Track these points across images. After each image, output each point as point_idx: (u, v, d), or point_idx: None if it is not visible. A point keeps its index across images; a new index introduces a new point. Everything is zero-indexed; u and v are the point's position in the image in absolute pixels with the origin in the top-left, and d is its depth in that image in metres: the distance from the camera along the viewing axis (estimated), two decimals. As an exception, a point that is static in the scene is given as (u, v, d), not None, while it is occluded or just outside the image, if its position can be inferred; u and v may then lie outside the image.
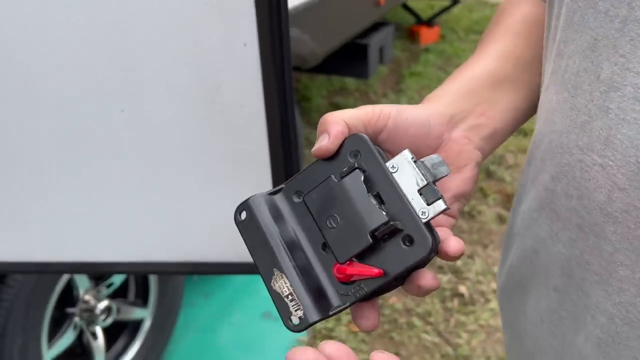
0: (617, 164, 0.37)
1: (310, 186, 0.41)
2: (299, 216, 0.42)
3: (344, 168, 0.40)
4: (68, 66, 0.76)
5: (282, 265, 0.41)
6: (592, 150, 0.39)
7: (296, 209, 0.42)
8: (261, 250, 0.42)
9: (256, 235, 0.42)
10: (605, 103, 0.38)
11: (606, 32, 0.38)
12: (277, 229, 0.42)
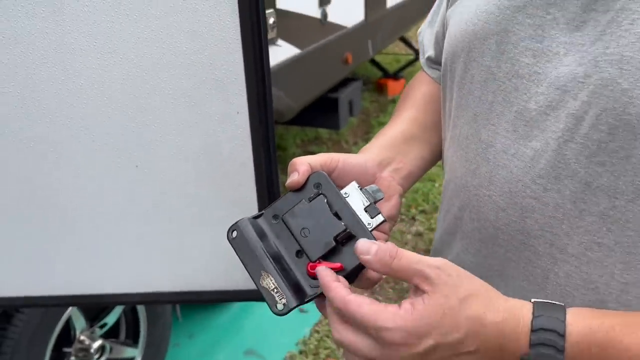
0: (498, 194, 0.58)
1: (285, 210, 0.60)
2: (277, 233, 0.60)
3: (310, 195, 0.60)
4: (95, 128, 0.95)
5: (267, 268, 0.58)
6: (482, 187, 0.59)
7: (274, 227, 0.60)
8: (250, 258, 0.59)
9: (245, 248, 0.60)
10: (486, 156, 0.59)
11: (481, 110, 0.59)
12: (260, 242, 0.60)
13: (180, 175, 0.99)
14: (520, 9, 0.54)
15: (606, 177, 0.49)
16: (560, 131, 0.51)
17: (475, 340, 0.46)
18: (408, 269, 0.48)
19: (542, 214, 0.54)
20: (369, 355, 0.47)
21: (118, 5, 0.87)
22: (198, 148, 0.97)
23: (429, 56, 0.76)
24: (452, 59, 0.63)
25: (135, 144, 0.96)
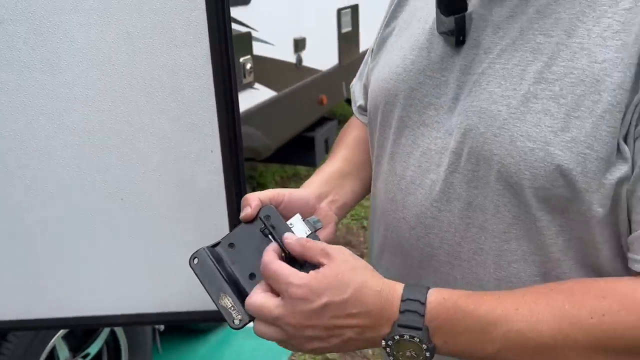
0: (409, 216, 0.72)
1: (240, 239, 0.73)
2: (232, 259, 0.72)
3: (261, 226, 0.73)
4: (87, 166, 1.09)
5: (224, 289, 0.70)
6: (397, 211, 0.74)
7: (230, 254, 0.72)
8: (209, 281, 0.71)
9: (205, 272, 0.71)
10: (400, 186, 0.73)
11: (396, 150, 0.74)
12: (218, 267, 0.72)
13: (161, 206, 1.12)
14: (421, 71, 0.70)
15: (480, 197, 0.63)
16: (447, 165, 0.66)
17: (357, 302, 0.59)
18: (315, 248, 0.63)
19: (440, 229, 0.68)
20: (274, 312, 0.60)
21: (108, 60, 1.02)
22: (177, 182, 1.10)
23: (360, 105, 0.92)
24: (373, 110, 0.78)
25: (122, 180, 1.10)
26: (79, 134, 1.07)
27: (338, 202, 0.82)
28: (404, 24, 0.79)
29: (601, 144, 0.54)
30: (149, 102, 1.05)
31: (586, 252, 0.60)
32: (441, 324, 0.57)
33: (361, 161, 0.87)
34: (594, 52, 0.54)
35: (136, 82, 1.04)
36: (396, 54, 0.76)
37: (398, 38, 0.78)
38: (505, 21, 0.62)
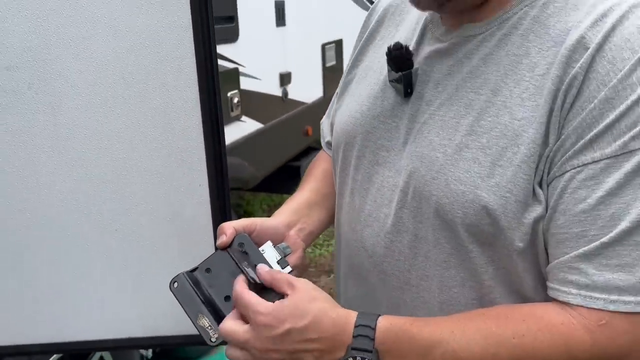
0: (367, 245, 0.80)
1: (215, 264, 0.79)
2: (209, 282, 0.77)
3: (235, 253, 0.79)
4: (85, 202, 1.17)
5: (202, 310, 0.76)
6: (357, 240, 0.82)
7: (207, 278, 0.78)
8: (188, 303, 0.75)
9: (184, 295, 0.77)
10: (359, 218, 0.82)
11: (355, 186, 0.83)
12: (196, 290, 0.76)
13: (152, 237, 1.21)
14: (375, 117, 0.79)
15: (423, 230, 0.71)
16: (397, 201, 0.74)
17: (316, 328, 0.65)
18: (282, 280, 0.70)
19: (392, 258, 0.76)
20: (243, 337, 0.67)
21: (105, 103, 1.12)
22: (167, 213, 1.19)
23: (328, 140, 1.01)
24: (336, 149, 0.87)
25: (116, 212, 1.18)
26: (77, 170, 1.16)
27: (306, 230, 0.90)
28: (363, 72, 0.87)
29: (519, 189, 0.62)
30: (143, 141, 1.14)
31: (512, 281, 0.68)
32: (389, 347, 0.64)
33: (327, 193, 0.96)
34: (514, 110, 0.63)
35: (131, 123, 1.13)
36: (355, 100, 0.85)
37: (358, 85, 0.87)
38: (444, 78, 0.71)
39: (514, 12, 0.66)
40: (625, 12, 0.59)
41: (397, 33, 0.84)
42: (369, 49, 0.89)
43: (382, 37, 0.87)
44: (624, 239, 0.58)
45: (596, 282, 0.59)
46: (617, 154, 0.58)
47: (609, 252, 0.59)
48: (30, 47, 1.09)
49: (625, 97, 0.57)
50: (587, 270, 0.60)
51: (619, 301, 0.58)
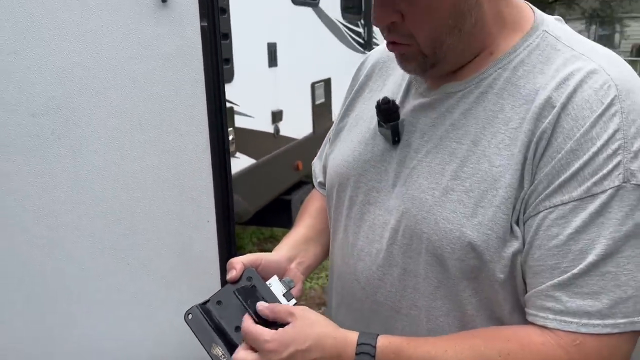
0: (360, 278, 0.87)
1: (226, 297, 0.85)
2: (220, 314, 0.82)
3: (244, 286, 0.83)
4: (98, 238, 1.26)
5: (215, 340, 0.81)
6: (351, 273, 0.90)
7: (218, 310, 0.84)
8: (202, 333, 0.81)
9: (198, 326, 0.81)
10: (353, 253, 0.90)
11: (348, 224, 0.90)
12: (209, 321, 0.81)
13: (161, 269, 1.29)
14: (366, 161, 0.88)
15: (412, 265, 0.80)
16: (388, 238, 0.82)
17: (318, 349, 0.72)
18: (283, 311, 0.78)
19: (384, 289, 0.84)
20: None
21: (123, 147, 1.21)
22: (176, 248, 1.28)
23: (320, 181, 1.09)
24: (330, 190, 0.96)
25: (129, 247, 1.27)
26: (94, 208, 1.25)
27: (304, 264, 0.97)
28: (354, 121, 0.96)
29: (499, 226, 0.71)
30: (156, 181, 1.24)
31: (493, 309, 0.76)
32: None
33: (322, 229, 1.04)
34: (492, 158, 0.72)
35: (145, 165, 1.23)
36: (348, 146, 0.93)
37: (349, 133, 0.95)
38: (429, 129, 0.80)
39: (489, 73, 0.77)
40: (584, 77, 0.70)
41: (385, 87, 0.94)
42: (358, 100, 0.98)
43: (371, 89, 0.97)
44: (591, 271, 0.67)
45: (569, 308, 0.68)
46: (583, 197, 0.67)
47: (579, 282, 0.68)
48: (54, 96, 1.19)
49: (588, 148, 0.67)
50: (561, 298, 0.69)
51: (588, 324, 0.67)
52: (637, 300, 0.67)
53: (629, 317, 0.67)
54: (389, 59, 0.95)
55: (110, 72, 1.18)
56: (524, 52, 0.77)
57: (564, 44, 0.76)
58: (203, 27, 1.15)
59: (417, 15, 0.72)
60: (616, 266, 0.67)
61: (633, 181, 0.67)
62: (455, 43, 0.74)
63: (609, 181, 0.67)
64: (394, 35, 0.76)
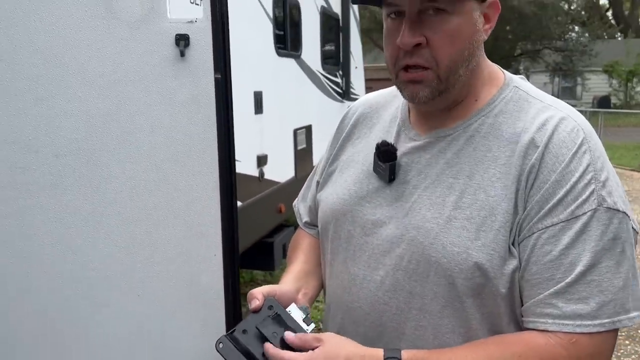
0: (364, 304, 0.96)
1: (250, 326, 0.93)
2: (246, 341, 0.89)
3: (266, 315, 0.92)
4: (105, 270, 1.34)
5: None
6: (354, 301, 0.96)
7: (244, 338, 0.91)
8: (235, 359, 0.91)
9: (230, 353, 0.88)
10: (355, 282, 0.97)
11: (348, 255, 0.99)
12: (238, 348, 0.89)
13: (169, 300, 1.38)
14: (362, 197, 0.98)
15: (419, 288, 0.89)
16: (393, 265, 0.92)
17: None
18: (310, 339, 0.86)
19: (390, 312, 0.92)
20: None
21: (138, 186, 1.32)
22: (184, 280, 1.37)
23: (306, 221, 1.18)
24: (325, 226, 1.04)
25: (141, 279, 1.36)
26: (109, 241, 1.34)
27: (308, 294, 1.04)
28: (345, 164, 1.04)
29: (500, 247, 0.82)
30: (168, 217, 1.34)
31: (494, 322, 0.86)
32: None
33: (317, 262, 1.10)
34: (487, 190, 0.85)
35: (158, 202, 1.34)
36: (342, 185, 1.01)
37: (341, 174, 1.04)
38: (424, 167, 0.91)
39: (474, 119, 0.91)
40: (558, 122, 0.86)
41: (372, 134, 1.05)
42: (347, 146, 1.09)
43: (358, 137, 1.08)
44: (581, 279, 0.80)
45: (565, 313, 0.80)
46: (568, 218, 0.82)
47: (572, 290, 0.80)
48: (76, 138, 1.30)
49: (568, 179, 0.83)
50: (558, 304, 0.81)
51: (582, 325, 0.80)
52: (616, 302, 0.81)
53: (611, 317, 0.81)
54: (372, 110, 1.09)
55: (130, 118, 1.30)
56: (502, 103, 0.92)
57: (533, 97, 0.92)
58: (217, 78, 1.29)
59: (441, 41, 0.85)
60: (598, 275, 0.81)
61: (604, 204, 0.82)
62: (463, 77, 0.88)
63: (588, 205, 0.82)
64: (416, 59, 0.87)
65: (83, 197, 1.32)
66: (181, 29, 1.27)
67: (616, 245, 0.82)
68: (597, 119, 10.79)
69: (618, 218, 0.82)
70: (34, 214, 1.31)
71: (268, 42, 3.64)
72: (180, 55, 1.28)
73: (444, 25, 0.84)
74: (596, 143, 0.87)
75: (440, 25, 0.84)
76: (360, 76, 6.13)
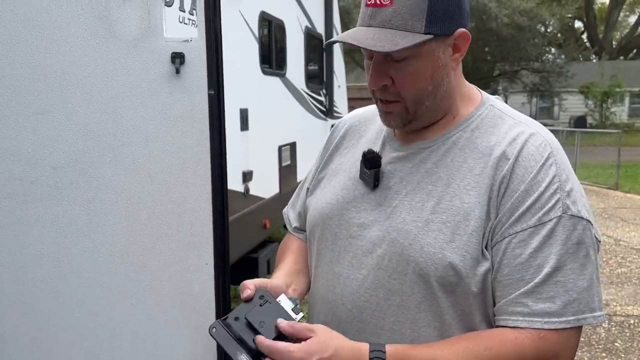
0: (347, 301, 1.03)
1: (242, 313, 1.00)
2: (238, 328, 0.99)
3: (258, 304, 1.01)
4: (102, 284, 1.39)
5: (239, 349, 0.97)
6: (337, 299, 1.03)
7: (237, 324, 0.99)
8: (227, 344, 0.95)
9: (223, 337, 0.96)
10: (339, 281, 1.04)
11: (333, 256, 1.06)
12: (230, 333, 0.98)
13: (162, 309, 1.42)
14: (349, 202, 1.05)
15: (397, 285, 0.97)
16: (375, 264, 0.99)
17: (339, 357, 0.86)
18: (302, 328, 0.91)
19: (371, 309, 0.99)
20: None
21: (133, 196, 1.37)
22: (176, 289, 1.42)
23: (295, 226, 1.25)
24: (313, 229, 1.12)
25: (135, 288, 1.40)
26: (104, 251, 1.38)
27: (298, 290, 1.10)
28: (333, 172, 1.12)
29: (473, 249, 0.89)
30: (162, 227, 1.39)
31: (466, 318, 0.93)
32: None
33: (305, 263, 1.17)
34: (463, 197, 0.92)
35: (153, 213, 1.39)
36: (330, 191, 1.09)
37: (330, 181, 1.11)
38: (406, 175, 0.99)
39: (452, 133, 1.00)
40: (527, 138, 0.95)
41: (359, 144, 1.13)
42: (336, 155, 1.17)
43: (346, 147, 1.16)
44: (548, 280, 0.87)
45: (534, 311, 0.87)
46: (536, 224, 0.89)
47: (540, 289, 0.87)
48: (74, 151, 1.35)
49: (536, 189, 0.91)
50: (528, 303, 0.88)
51: (549, 322, 0.88)
52: (580, 302, 0.89)
53: (576, 315, 0.88)
54: (360, 123, 1.17)
55: (126, 131, 1.36)
56: (478, 119, 1.01)
57: (506, 115, 1.01)
58: (210, 94, 1.36)
59: (404, 79, 0.94)
60: (564, 276, 0.88)
61: (569, 212, 0.90)
62: (432, 105, 0.97)
63: (554, 212, 0.90)
64: (385, 95, 0.97)
65: (79, 208, 1.37)
66: (177, 48, 1.34)
67: (580, 249, 0.90)
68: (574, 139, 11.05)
69: (582, 225, 0.90)
70: (30, 224, 1.35)
71: (254, 61, 3.73)
72: (176, 72, 1.34)
73: (406, 68, 0.93)
74: (562, 157, 0.95)
75: (403, 68, 0.93)
76: (343, 95, 6.25)
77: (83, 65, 1.32)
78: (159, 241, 1.40)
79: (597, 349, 3.47)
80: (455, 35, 0.93)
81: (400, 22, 0.89)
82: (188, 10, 1.33)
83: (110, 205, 1.38)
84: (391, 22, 0.89)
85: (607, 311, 4.09)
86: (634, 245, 5.84)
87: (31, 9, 1.32)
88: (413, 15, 0.89)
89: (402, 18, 0.89)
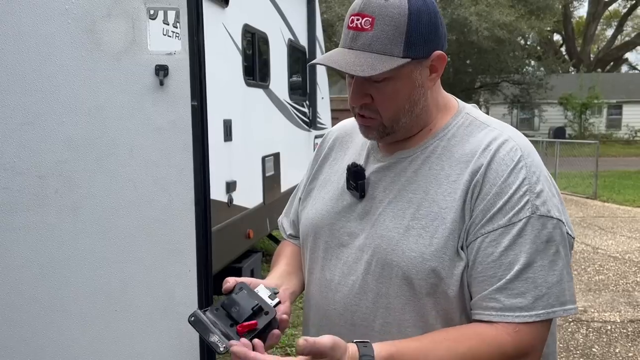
0: (338, 306, 1.08)
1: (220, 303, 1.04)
2: (217, 316, 1.03)
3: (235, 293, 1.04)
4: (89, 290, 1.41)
5: (212, 330, 0.99)
6: (330, 304, 1.10)
7: (215, 314, 1.03)
8: (202, 328, 0.99)
9: (199, 324, 1.00)
10: (330, 287, 1.10)
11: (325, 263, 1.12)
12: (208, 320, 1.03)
13: (145, 314, 1.45)
14: (337, 212, 1.11)
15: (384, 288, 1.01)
16: (363, 270, 1.04)
17: None
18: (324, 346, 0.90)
19: (360, 312, 1.04)
20: None
21: (117, 205, 1.40)
22: (161, 294, 1.45)
23: (290, 234, 1.29)
24: (305, 237, 1.17)
25: (119, 293, 1.43)
26: (88, 258, 1.41)
27: (290, 290, 1.13)
28: (323, 183, 1.17)
29: (450, 251, 0.94)
30: (145, 235, 1.43)
31: (447, 317, 0.97)
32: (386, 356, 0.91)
33: (298, 266, 1.21)
34: (440, 203, 0.97)
35: (136, 220, 1.42)
36: (320, 202, 1.14)
37: (319, 192, 1.16)
38: (389, 185, 1.04)
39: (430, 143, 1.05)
40: (500, 144, 1.01)
41: (346, 155, 1.18)
42: (324, 166, 1.22)
43: (334, 158, 1.21)
44: (518, 277, 0.92)
45: (507, 306, 0.92)
46: (507, 224, 0.95)
47: (511, 286, 0.92)
48: (60, 160, 1.38)
49: (507, 192, 0.96)
50: (500, 299, 0.92)
51: (521, 316, 0.92)
52: (550, 296, 0.94)
53: (545, 308, 0.94)
54: (347, 134, 1.22)
55: (111, 141, 1.39)
56: (454, 128, 1.07)
57: (481, 122, 1.07)
58: (193, 105, 1.40)
59: (383, 98, 0.99)
60: (533, 272, 0.94)
61: (538, 212, 0.96)
62: (408, 121, 1.03)
63: (523, 213, 0.95)
64: (365, 111, 1.02)
65: (64, 216, 1.39)
66: (161, 60, 1.38)
67: (550, 247, 0.96)
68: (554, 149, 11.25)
69: (552, 223, 0.96)
70: (17, 231, 1.38)
71: (237, 73, 3.78)
72: (160, 84, 1.38)
73: (385, 88, 0.98)
74: (533, 160, 1.01)
75: (382, 88, 0.98)
76: (327, 106, 6.32)
77: (68, 77, 1.36)
78: (143, 248, 1.43)
79: (575, 355, 3.54)
80: (433, 57, 0.99)
81: (380, 46, 0.94)
82: (172, 23, 1.38)
83: (95, 214, 1.41)
84: (371, 47, 0.95)
85: (585, 318, 4.17)
86: (611, 253, 5.97)
87: (17, 21, 1.35)
88: (392, 40, 0.94)
89: (381, 43, 0.94)
